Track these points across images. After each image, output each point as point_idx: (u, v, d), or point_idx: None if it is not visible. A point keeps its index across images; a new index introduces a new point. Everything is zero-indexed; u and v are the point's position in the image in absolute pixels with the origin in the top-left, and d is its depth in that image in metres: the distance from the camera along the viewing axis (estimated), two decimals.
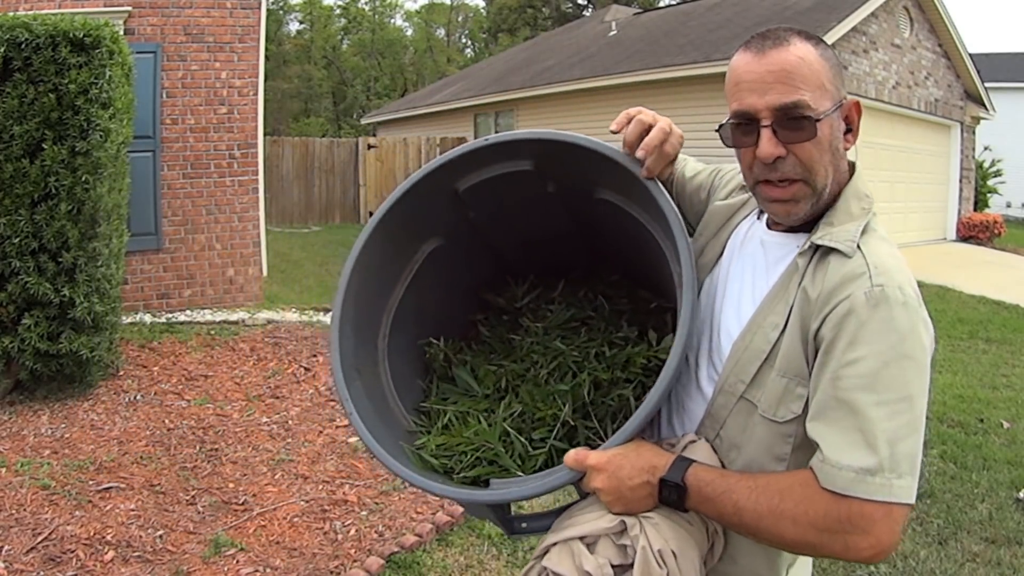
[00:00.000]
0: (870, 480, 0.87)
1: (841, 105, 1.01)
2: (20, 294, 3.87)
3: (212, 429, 3.82)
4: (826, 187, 1.02)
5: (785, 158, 0.99)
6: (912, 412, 0.89)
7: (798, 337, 0.97)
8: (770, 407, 0.99)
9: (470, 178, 1.17)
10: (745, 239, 1.14)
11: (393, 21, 43.85)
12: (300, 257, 10.17)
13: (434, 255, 1.23)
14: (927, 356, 0.93)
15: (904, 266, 0.97)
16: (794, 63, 0.97)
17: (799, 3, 10.93)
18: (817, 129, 0.98)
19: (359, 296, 1.11)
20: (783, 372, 0.98)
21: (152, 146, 5.88)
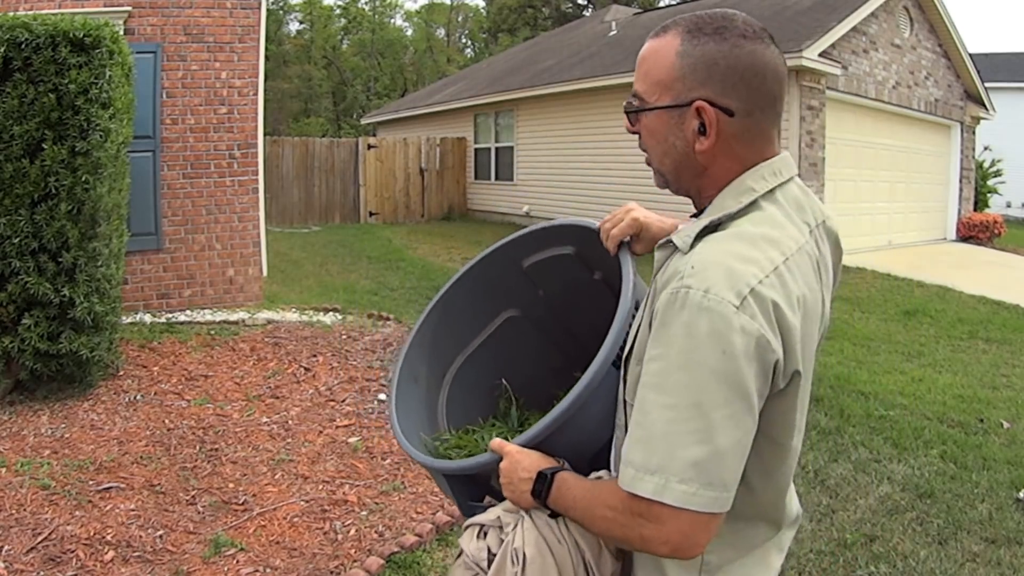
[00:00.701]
0: (647, 479, 0.88)
1: (687, 105, 0.99)
2: (20, 294, 3.87)
3: (212, 429, 3.82)
4: (664, 172, 1.07)
5: (639, 135, 1.07)
6: (700, 421, 0.87)
7: (646, 326, 0.99)
8: (630, 392, 1.01)
9: (532, 257, 1.34)
10: None
11: (393, 21, 43.87)
12: (300, 257, 10.17)
13: (514, 323, 1.40)
14: (738, 361, 0.87)
15: (741, 262, 0.91)
16: (644, 54, 1.04)
17: (799, 3, 10.93)
18: (639, 120, 1.04)
19: (438, 328, 1.32)
20: (638, 360, 0.98)
21: (152, 146, 5.88)
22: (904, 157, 11.65)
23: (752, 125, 1.00)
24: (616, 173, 11.57)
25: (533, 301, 1.40)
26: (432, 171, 15.53)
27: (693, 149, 1.01)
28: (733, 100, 0.98)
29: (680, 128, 1.01)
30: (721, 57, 0.97)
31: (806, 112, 9.20)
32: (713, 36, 0.98)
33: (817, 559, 2.79)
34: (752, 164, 1.01)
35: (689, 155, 1.02)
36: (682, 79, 0.99)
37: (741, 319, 0.87)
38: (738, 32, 0.98)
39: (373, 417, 4.11)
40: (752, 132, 1.00)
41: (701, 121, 0.99)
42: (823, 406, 4.40)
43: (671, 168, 1.05)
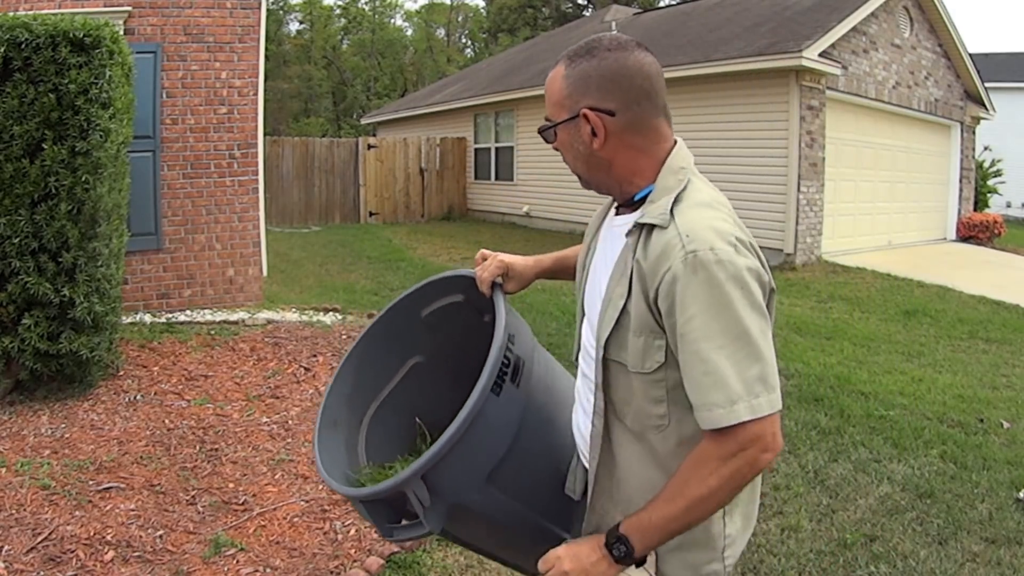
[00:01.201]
0: (736, 408, 1.05)
1: (575, 116, 1.22)
2: (20, 294, 3.87)
3: (212, 429, 3.82)
4: (582, 176, 1.30)
5: (560, 151, 1.31)
6: (749, 345, 1.08)
7: (642, 301, 1.16)
8: (637, 363, 1.18)
9: (428, 307, 1.54)
10: (605, 234, 1.36)
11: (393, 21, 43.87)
12: (300, 257, 10.17)
13: (421, 367, 1.58)
14: (753, 291, 1.10)
15: (716, 221, 1.14)
16: (546, 85, 1.29)
17: (799, 3, 10.93)
18: (555, 135, 1.28)
19: (356, 378, 1.48)
20: (638, 332, 1.17)
21: (152, 146, 5.88)
22: (904, 157, 11.65)
23: (635, 118, 1.21)
24: None
25: (436, 347, 1.58)
26: (432, 171, 15.53)
27: (592, 149, 1.23)
28: (611, 102, 1.20)
29: (579, 135, 1.24)
30: (592, 70, 1.21)
31: (806, 112, 9.20)
32: (585, 56, 1.22)
33: (817, 559, 2.79)
34: (652, 151, 1.23)
35: (592, 155, 1.24)
36: (570, 96, 1.23)
37: (741, 260, 1.11)
38: (604, 47, 1.21)
39: None
40: (638, 124, 1.22)
41: (591, 125, 1.22)
42: (823, 406, 4.40)
43: (584, 169, 1.28)
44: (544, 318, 6.46)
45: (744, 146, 9.71)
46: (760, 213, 9.49)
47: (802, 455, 3.71)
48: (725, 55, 9.85)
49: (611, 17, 17.30)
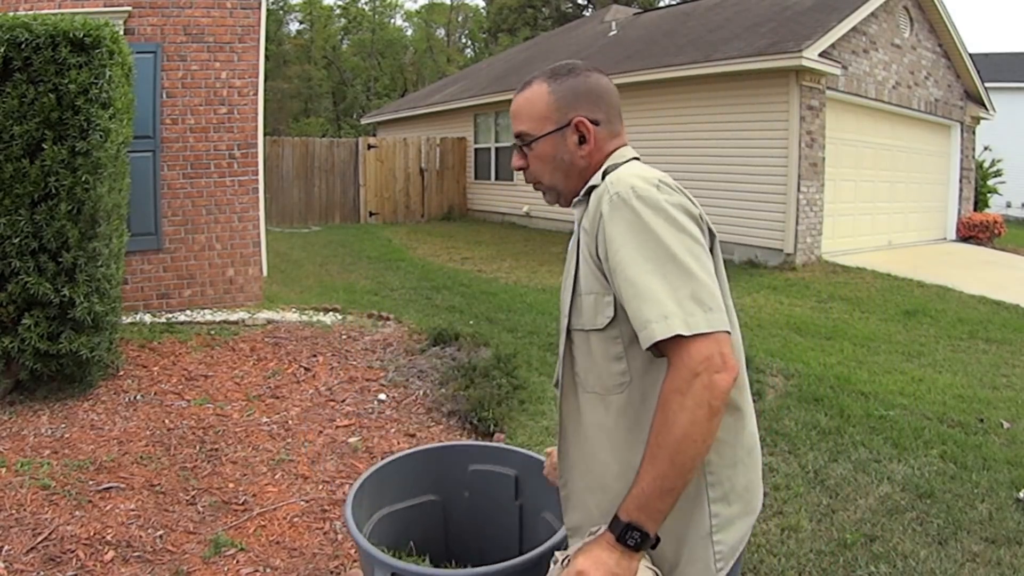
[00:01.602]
0: (670, 322, 1.08)
1: (567, 125, 1.35)
2: (20, 294, 3.87)
3: (212, 429, 3.82)
4: (556, 185, 1.39)
5: (528, 168, 1.41)
6: (676, 264, 1.12)
7: (589, 262, 1.24)
8: (590, 320, 1.26)
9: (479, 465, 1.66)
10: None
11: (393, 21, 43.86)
12: (300, 257, 10.17)
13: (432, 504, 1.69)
14: (677, 217, 1.17)
15: (640, 171, 1.26)
16: (519, 104, 1.39)
17: (799, 3, 10.92)
18: (532, 149, 1.38)
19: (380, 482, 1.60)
20: (587, 291, 1.26)
21: (152, 146, 5.88)
22: (904, 157, 11.64)
23: (610, 127, 1.38)
24: None
25: (457, 498, 1.67)
26: (432, 171, 15.53)
27: (577, 156, 1.36)
28: (597, 113, 1.36)
29: (564, 144, 1.36)
30: (581, 85, 1.37)
31: (806, 112, 9.20)
32: (569, 75, 1.37)
33: (817, 559, 2.79)
34: (614, 154, 1.38)
35: (575, 162, 1.37)
36: (558, 108, 1.35)
37: (663, 194, 1.20)
38: (583, 69, 1.38)
39: (373, 417, 4.11)
40: (611, 132, 1.38)
41: (580, 133, 1.35)
42: (823, 406, 4.39)
43: (562, 178, 1.39)
44: (544, 318, 6.46)
45: (744, 146, 9.71)
46: (760, 213, 9.49)
47: (802, 455, 3.71)
48: (725, 55, 9.85)
49: (611, 17, 17.29)
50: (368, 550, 1.29)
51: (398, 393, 4.45)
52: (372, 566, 1.27)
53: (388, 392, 4.46)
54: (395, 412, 4.19)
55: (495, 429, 3.92)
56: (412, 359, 5.03)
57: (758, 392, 4.51)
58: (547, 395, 4.43)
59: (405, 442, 3.80)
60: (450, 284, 8.12)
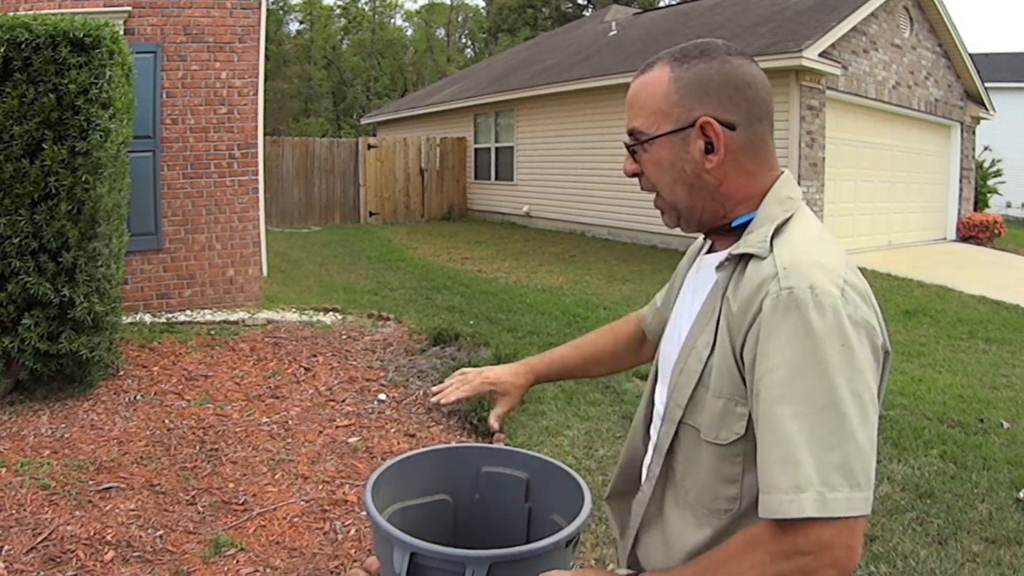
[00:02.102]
0: (802, 498, 0.82)
1: (691, 126, 1.00)
2: (20, 294, 3.87)
3: (212, 429, 3.82)
4: (678, 203, 1.05)
5: (642, 175, 1.07)
6: (837, 420, 0.84)
7: (728, 354, 0.95)
8: (711, 430, 0.97)
9: (491, 467, 1.62)
10: (693, 276, 1.16)
11: (393, 21, 43.88)
12: (300, 257, 10.17)
13: (442, 504, 1.65)
14: (857, 351, 0.87)
15: (826, 257, 0.93)
16: (635, 90, 1.06)
17: (799, 3, 10.93)
18: (643, 155, 1.05)
19: (395, 477, 1.55)
20: (719, 392, 0.96)
21: (152, 146, 5.88)
22: (904, 157, 11.65)
23: (754, 137, 1.02)
24: (616, 173, 11.56)
25: (468, 498, 1.65)
26: (432, 171, 15.53)
27: (704, 169, 1.02)
28: (733, 114, 1.00)
29: (686, 151, 1.02)
30: (714, 73, 1.01)
31: (806, 112, 9.20)
32: (701, 57, 1.02)
33: None
34: (761, 178, 1.03)
35: (700, 176, 1.02)
36: (680, 102, 1.01)
37: (848, 308, 0.88)
38: (723, 51, 1.02)
39: (373, 417, 4.11)
40: (755, 145, 1.03)
41: (707, 139, 1.01)
42: None
43: (684, 195, 1.04)
44: (544, 318, 6.46)
45: None
46: None
47: None
48: None
49: (611, 17, 17.29)
50: (389, 531, 1.30)
51: (398, 393, 4.45)
52: (391, 547, 1.28)
53: (388, 392, 4.46)
54: (395, 412, 4.19)
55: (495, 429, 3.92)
56: (412, 359, 5.03)
57: None
58: (547, 395, 4.43)
59: (405, 442, 3.80)
60: (450, 284, 8.12)
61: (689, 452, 1.01)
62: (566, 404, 4.34)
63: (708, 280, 1.05)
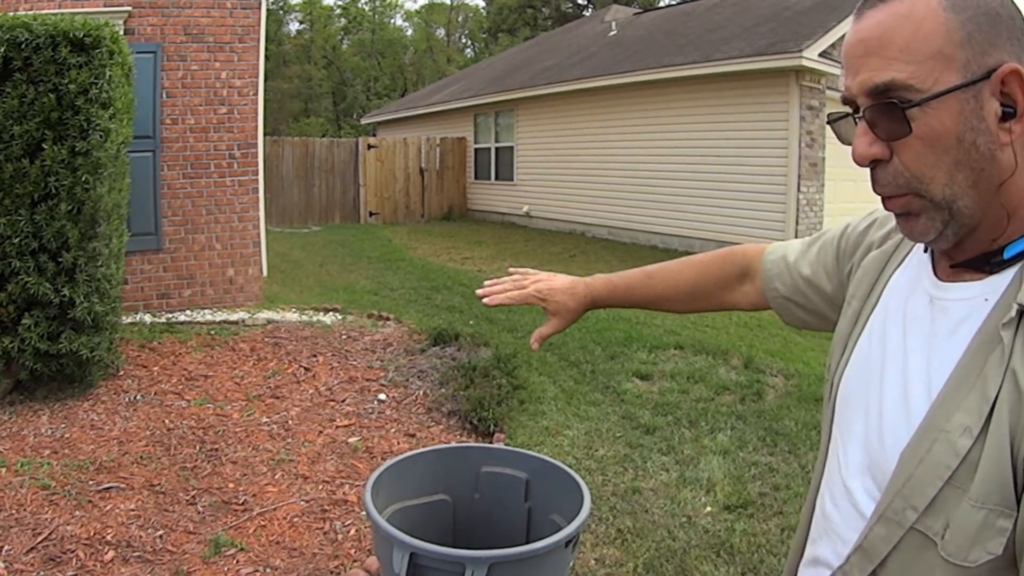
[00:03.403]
0: None
1: (985, 78, 0.67)
2: (20, 294, 3.87)
3: (212, 429, 3.82)
4: (955, 200, 0.70)
5: (888, 162, 0.72)
6: None
7: (1006, 450, 0.66)
8: (959, 548, 0.68)
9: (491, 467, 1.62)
10: (908, 295, 0.82)
11: (393, 21, 43.90)
12: (300, 257, 10.17)
13: (442, 504, 1.66)
14: None
15: None
16: (892, 25, 0.69)
17: (799, 3, 10.93)
18: (913, 120, 0.68)
19: (396, 476, 1.56)
20: (981, 499, 0.67)
21: (152, 146, 5.88)
22: None
23: None
24: (616, 173, 11.58)
25: (467, 498, 1.66)
26: (432, 171, 15.54)
27: (997, 144, 0.69)
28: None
29: (980, 115, 0.68)
30: (1002, 7, 0.69)
31: (806, 112, 9.20)
32: None
33: None
34: None
35: (994, 156, 0.69)
36: (967, 42, 0.68)
37: None
38: None
39: (373, 417, 4.11)
40: None
41: (1005, 99, 0.68)
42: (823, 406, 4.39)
43: (969, 187, 0.70)
44: (544, 318, 6.45)
45: (744, 146, 9.72)
46: (760, 213, 9.49)
47: (802, 455, 3.71)
48: (725, 55, 9.85)
49: (611, 17, 17.30)
50: (389, 531, 1.31)
51: (398, 393, 4.45)
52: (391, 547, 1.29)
53: (388, 392, 4.46)
54: (395, 412, 4.19)
55: (495, 429, 3.92)
56: (412, 359, 5.03)
57: (758, 392, 4.51)
58: (547, 395, 4.43)
59: (405, 442, 3.80)
60: (450, 284, 8.13)
61: (908, 563, 0.73)
62: (566, 404, 4.34)
63: (962, 323, 0.73)
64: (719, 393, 4.52)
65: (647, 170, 10.97)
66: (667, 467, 3.55)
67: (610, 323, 6.17)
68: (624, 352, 5.27)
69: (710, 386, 4.62)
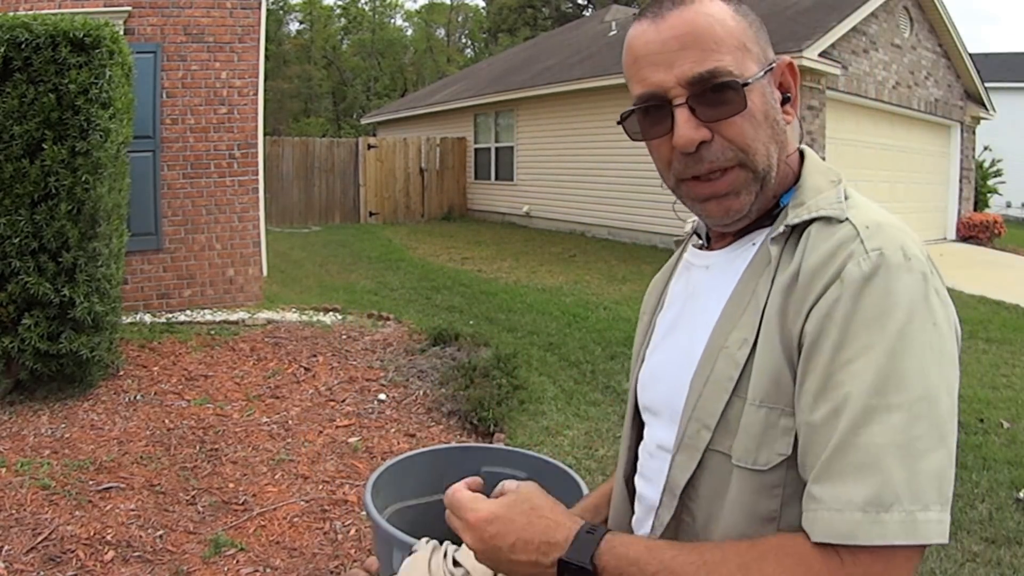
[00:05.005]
0: (884, 518, 0.62)
1: (771, 68, 0.81)
2: (20, 294, 3.87)
3: (212, 429, 3.82)
4: (770, 169, 0.80)
5: (711, 142, 0.78)
6: (934, 415, 0.65)
7: (776, 346, 0.72)
8: (748, 452, 0.72)
9: (491, 467, 1.62)
10: (684, 282, 0.93)
11: (393, 21, 43.88)
12: (300, 257, 10.17)
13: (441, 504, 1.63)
14: (950, 337, 0.70)
15: (904, 226, 0.77)
16: (703, 23, 0.78)
17: (799, 3, 10.93)
18: (747, 98, 0.77)
19: (398, 475, 1.58)
20: (760, 399, 0.72)
21: (152, 146, 5.88)
22: (904, 157, 11.65)
23: None
24: (616, 173, 11.57)
25: None
26: (432, 171, 15.53)
27: (786, 123, 0.84)
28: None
29: (774, 98, 0.82)
30: (757, 19, 0.84)
31: (806, 112, 9.20)
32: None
33: None
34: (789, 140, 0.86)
35: (783, 134, 0.83)
36: (755, 40, 0.81)
37: (935, 281, 0.72)
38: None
39: (373, 417, 4.11)
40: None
41: (784, 87, 0.84)
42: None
43: (776, 159, 0.82)
44: (544, 318, 6.46)
45: None
46: None
47: None
48: None
49: (611, 17, 17.29)
50: (389, 531, 1.32)
51: (398, 393, 4.45)
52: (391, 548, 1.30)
53: (388, 392, 4.46)
54: (395, 412, 4.19)
55: (495, 429, 3.92)
56: (412, 359, 5.03)
57: None
58: (547, 395, 4.43)
59: (405, 442, 3.80)
60: (450, 284, 8.13)
61: (713, 487, 0.77)
62: (566, 404, 4.34)
63: (723, 273, 0.84)
64: None
65: (647, 170, 10.94)
66: None
67: (610, 323, 6.17)
68: (624, 352, 5.27)
69: None
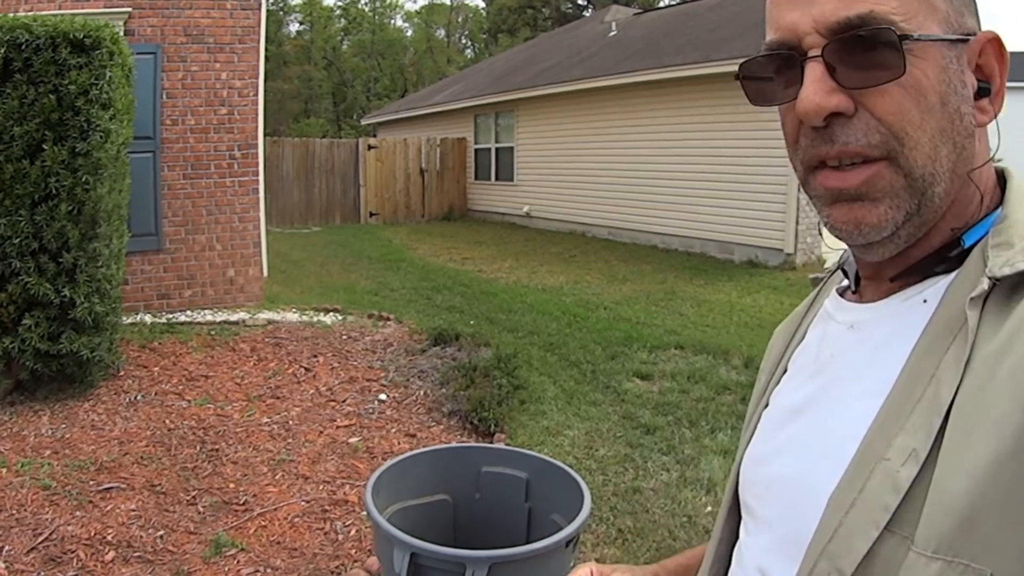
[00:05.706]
0: None
1: (966, 40, 0.56)
2: (20, 294, 3.87)
3: (212, 429, 3.83)
4: (934, 179, 0.55)
5: (852, 117, 0.54)
6: None
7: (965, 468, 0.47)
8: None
9: (491, 467, 1.58)
10: (820, 340, 0.67)
11: (393, 22, 43.92)
12: (300, 257, 10.17)
13: (443, 504, 1.64)
14: None
15: None
16: None
17: None
18: (906, 62, 0.52)
19: (398, 476, 1.54)
20: (935, 547, 0.47)
21: (152, 147, 5.88)
22: None
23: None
24: (616, 173, 11.58)
25: (468, 498, 1.65)
26: (432, 171, 15.54)
27: (970, 118, 0.58)
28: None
29: (963, 81, 0.56)
30: None
31: None
32: None
33: None
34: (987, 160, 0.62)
35: (973, 136, 0.59)
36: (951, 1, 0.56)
37: None
38: None
39: (373, 417, 4.11)
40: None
41: (981, 75, 0.58)
42: None
43: (949, 170, 0.56)
44: (544, 318, 6.46)
45: (744, 146, 9.72)
46: (760, 213, 9.49)
47: None
48: (725, 55, 9.85)
49: (611, 17, 17.30)
50: (389, 531, 1.32)
51: (398, 393, 4.45)
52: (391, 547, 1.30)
53: (388, 392, 4.46)
54: (395, 412, 4.19)
55: (495, 429, 3.92)
56: (412, 359, 5.03)
57: None
58: (547, 395, 4.43)
59: (405, 442, 3.80)
60: (450, 284, 8.13)
61: None
62: (566, 404, 4.34)
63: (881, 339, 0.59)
64: (720, 393, 4.52)
65: (647, 170, 10.97)
66: (668, 467, 3.55)
67: (610, 323, 6.17)
68: (624, 352, 5.27)
69: (711, 386, 4.63)
